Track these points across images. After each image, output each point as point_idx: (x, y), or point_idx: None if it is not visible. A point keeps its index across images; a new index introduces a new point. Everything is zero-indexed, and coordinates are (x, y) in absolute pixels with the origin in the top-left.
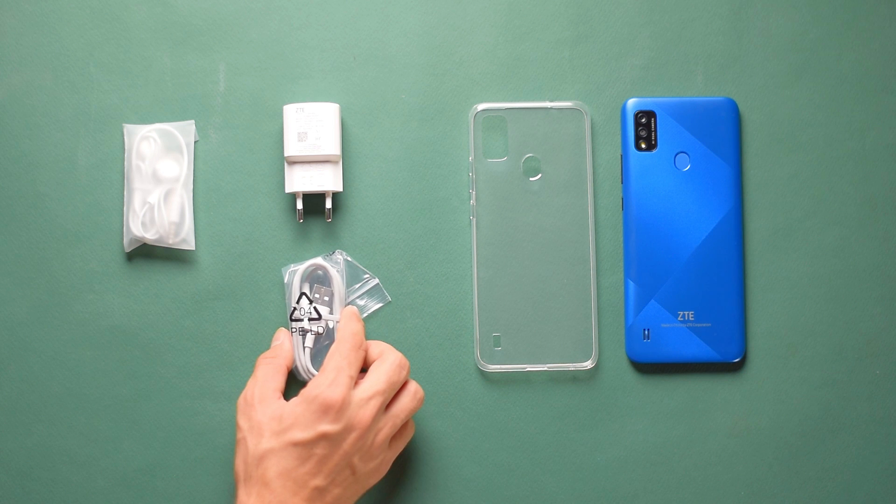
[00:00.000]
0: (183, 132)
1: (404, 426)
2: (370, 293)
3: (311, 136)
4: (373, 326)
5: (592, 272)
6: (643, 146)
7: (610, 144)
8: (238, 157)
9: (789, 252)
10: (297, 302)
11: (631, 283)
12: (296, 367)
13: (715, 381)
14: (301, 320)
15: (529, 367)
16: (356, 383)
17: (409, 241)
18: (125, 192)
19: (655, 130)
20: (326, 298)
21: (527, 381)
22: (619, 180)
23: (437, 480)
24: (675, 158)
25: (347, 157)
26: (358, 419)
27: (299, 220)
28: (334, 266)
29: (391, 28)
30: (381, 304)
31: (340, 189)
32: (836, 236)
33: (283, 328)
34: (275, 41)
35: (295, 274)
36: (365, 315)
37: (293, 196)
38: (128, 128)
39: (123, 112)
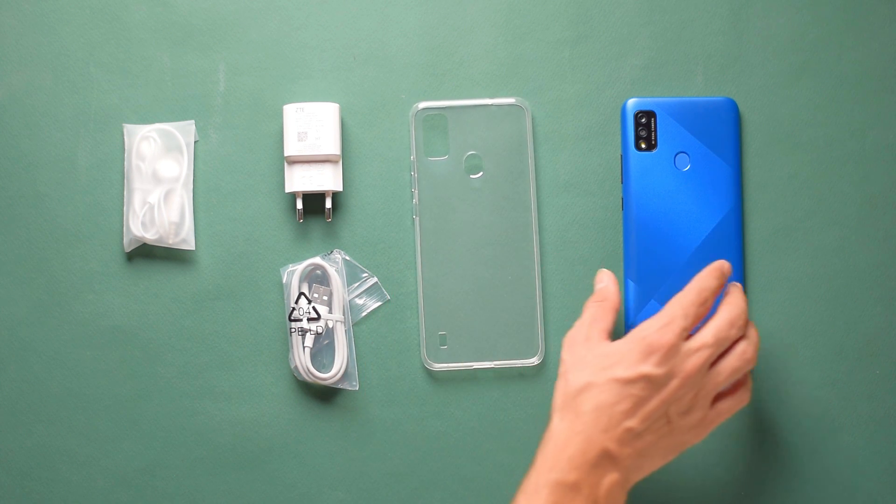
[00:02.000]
0: (183, 132)
1: (739, 389)
2: (369, 292)
3: (311, 135)
4: (372, 326)
5: (537, 267)
6: (643, 146)
7: (610, 144)
8: (238, 157)
9: (789, 252)
10: (296, 302)
11: (631, 283)
12: (295, 366)
13: None
14: (300, 320)
15: (476, 365)
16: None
17: (409, 240)
18: (125, 192)
19: (655, 130)
20: (325, 298)
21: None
22: (619, 180)
23: (438, 480)
24: (675, 158)
25: (347, 157)
26: (682, 368)
27: (299, 219)
28: (333, 265)
29: (391, 28)
30: (380, 303)
31: (340, 189)
32: (836, 236)
33: (604, 270)
34: (275, 41)
35: (293, 274)
36: (364, 314)
37: (293, 196)
38: (128, 128)
39: (123, 112)
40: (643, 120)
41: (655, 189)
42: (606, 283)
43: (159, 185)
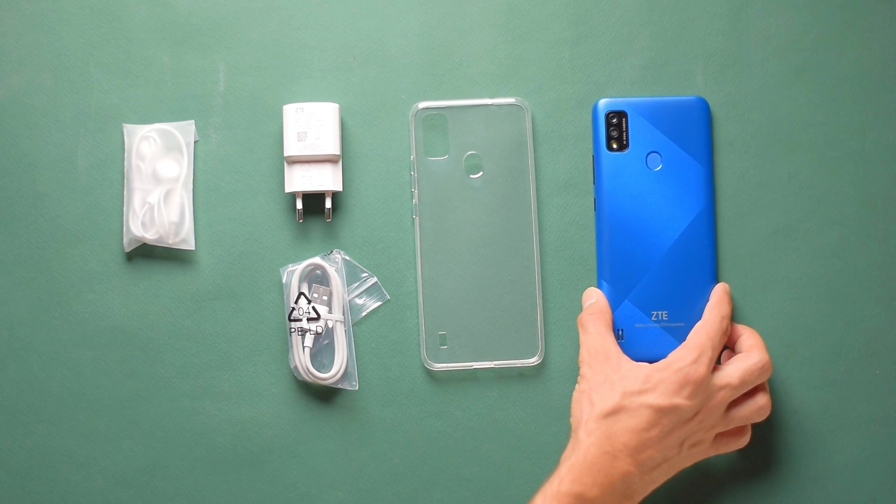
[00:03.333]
0: (183, 132)
1: (742, 432)
2: (369, 292)
3: (311, 135)
4: (372, 326)
5: (537, 267)
6: (615, 146)
7: None
8: (238, 157)
9: (789, 252)
10: (296, 302)
11: (604, 284)
12: (295, 366)
13: None
14: (300, 320)
15: (476, 365)
16: (714, 367)
17: (409, 240)
18: (125, 192)
19: (627, 130)
20: (325, 298)
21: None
22: (592, 181)
23: (438, 480)
24: (646, 158)
25: (347, 157)
26: (709, 402)
27: (299, 219)
28: (332, 265)
29: (391, 28)
30: (379, 303)
31: (340, 189)
32: (836, 236)
33: (592, 287)
34: (275, 41)
35: (293, 274)
36: (364, 314)
37: (293, 196)
38: (128, 128)
39: (123, 112)
40: (614, 120)
41: (627, 189)
42: (597, 299)
43: (159, 184)
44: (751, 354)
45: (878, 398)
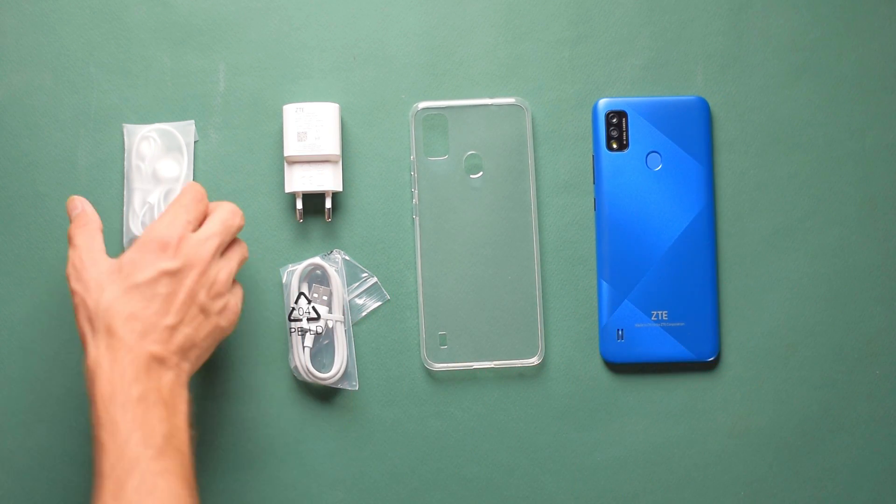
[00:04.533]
0: (183, 132)
1: (234, 246)
2: (369, 292)
3: (311, 135)
4: (372, 326)
5: (537, 267)
6: (615, 146)
7: None
8: (238, 157)
9: (789, 252)
10: (296, 302)
11: (604, 284)
12: (295, 366)
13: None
14: (300, 320)
15: (476, 365)
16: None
17: (409, 240)
18: (125, 192)
19: (627, 130)
20: (325, 298)
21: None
22: (592, 181)
23: (438, 480)
24: (646, 158)
25: (347, 157)
26: (197, 257)
27: (299, 219)
28: (332, 265)
29: (391, 28)
30: (380, 303)
31: (340, 189)
32: (836, 236)
33: (74, 196)
34: (275, 41)
35: (293, 274)
36: (364, 314)
37: (293, 196)
38: (128, 128)
39: (123, 112)
40: (614, 120)
41: (627, 189)
42: (83, 208)
43: (159, 185)
44: (219, 206)
45: (878, 398)
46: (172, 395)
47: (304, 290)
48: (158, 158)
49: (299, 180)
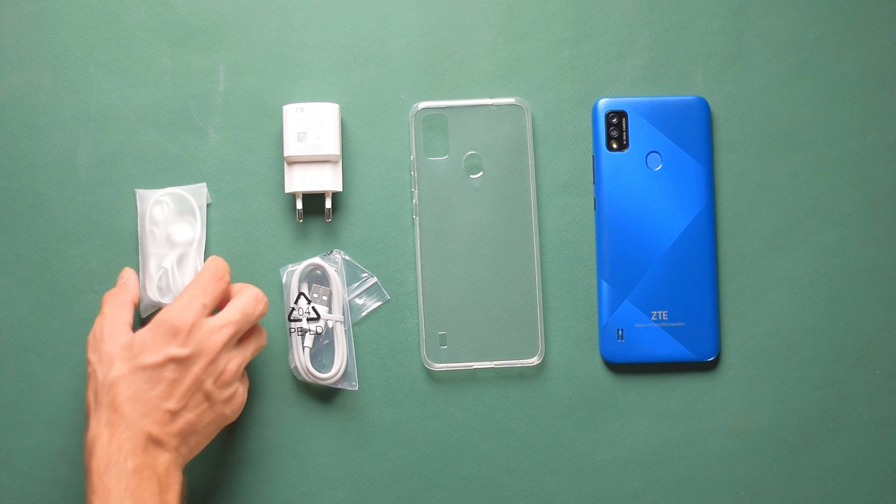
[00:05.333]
0: (195, 195)
1: (253, 331)
2: (369, 292)
3: (311, 136)
4: (372, 326)
5: (537, 267)
6: (615, 146)
7: None
8: (238, 157)
9: (789, 252)
10: (296, 302)
11: (604, 284)
12: (295, 367)
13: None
14: (300, 320)
15: (476, 365)
16: (211, 313)
17: (409, 240)
18: (139, 258)
19: (627, 130)
20: (325, 298)
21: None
22: (592, 181)
23: (438, 480)
24: (646, 158)
25: (347, 157)
26: (208, 345)
27: (299, 220)
28: (332, 265)
29: (391, 28)
30: (380, 303)
31: (340, 189)
32: (836, 236)
33: (127, 267)
34: (275, 41)
35: (293, 274)
36: (364, 314)
37: (293, 196)
38: (140, 193)
39: (123, 112)
40: (614, 120)
41: (627, 189)
42: (126, 279)
43: (173, 249)
44: (243, 290)
45: (878, 398)
46: (167, 475)
47: (304, 290)
48: (172, 223)
49: (299, 180)
